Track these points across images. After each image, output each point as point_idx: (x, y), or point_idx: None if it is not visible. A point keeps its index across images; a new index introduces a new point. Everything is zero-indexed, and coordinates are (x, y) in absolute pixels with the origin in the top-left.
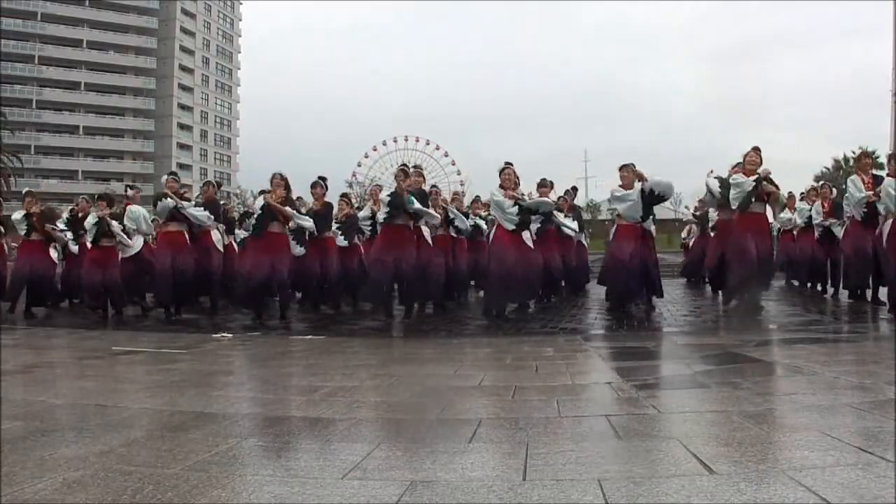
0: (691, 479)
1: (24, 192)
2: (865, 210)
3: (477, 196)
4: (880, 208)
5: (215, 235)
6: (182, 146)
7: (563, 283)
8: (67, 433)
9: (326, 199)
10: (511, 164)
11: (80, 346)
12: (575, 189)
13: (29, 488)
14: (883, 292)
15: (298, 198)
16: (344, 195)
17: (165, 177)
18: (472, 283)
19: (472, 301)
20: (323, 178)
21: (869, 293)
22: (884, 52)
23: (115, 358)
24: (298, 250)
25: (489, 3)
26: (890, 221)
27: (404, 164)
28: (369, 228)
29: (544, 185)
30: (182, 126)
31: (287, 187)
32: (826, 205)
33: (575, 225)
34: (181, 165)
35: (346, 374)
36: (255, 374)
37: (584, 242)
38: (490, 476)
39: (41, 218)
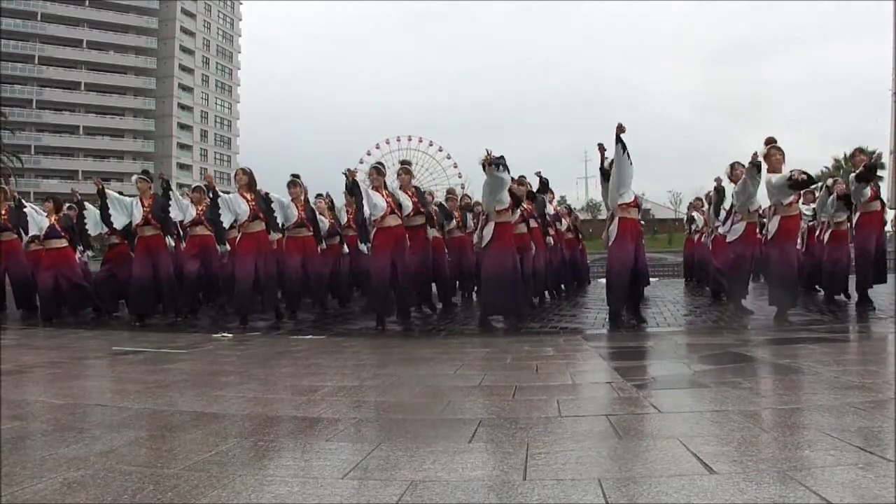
0: (691, 478)
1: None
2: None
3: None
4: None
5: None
6: (182, 146)
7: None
8: (68, 433)
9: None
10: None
11: (80, 346)
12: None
13: (29, 488)
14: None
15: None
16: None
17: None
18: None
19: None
20: (296, 176)
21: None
22: (884, 51)
23: (116, 358)
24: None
25: (489, 3)
26: (777, 219)
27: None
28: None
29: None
30: (182, 126)
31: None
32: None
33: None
34: (181, 165)
35: (346, 374)
36: (255, 374)
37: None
38: (490, 476)
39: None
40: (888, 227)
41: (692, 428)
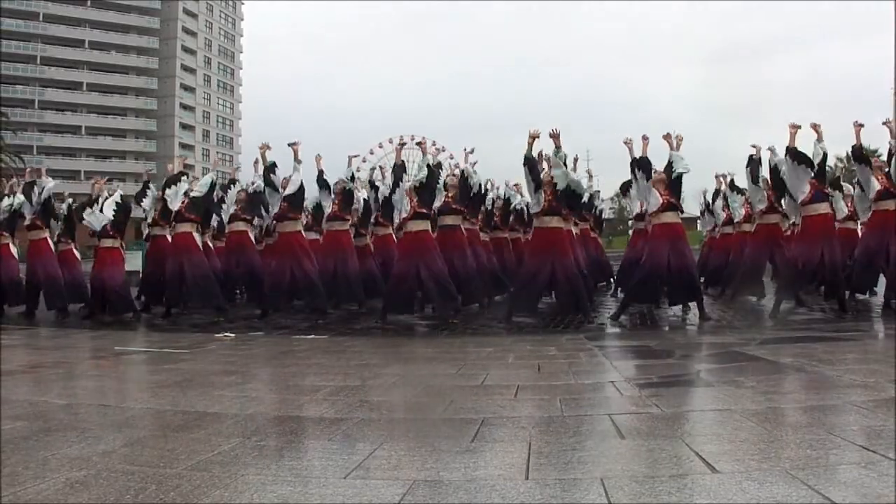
0: (694, 477)
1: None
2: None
3: None
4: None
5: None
6: (184, 146)
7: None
8: (70, 433)
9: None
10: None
11: (82, 346)
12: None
13: (32, 488)
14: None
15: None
16: None
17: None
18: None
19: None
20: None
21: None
22: (884, 51)
23: (118, 358)
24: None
25: (489, 3)
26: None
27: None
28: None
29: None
30: (184, 126)
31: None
32: None
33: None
34: (183, 165)
35: (348, 374)
36: (257, 374)
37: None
38: (493, 475)
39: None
40: None
41: (695, 427)
